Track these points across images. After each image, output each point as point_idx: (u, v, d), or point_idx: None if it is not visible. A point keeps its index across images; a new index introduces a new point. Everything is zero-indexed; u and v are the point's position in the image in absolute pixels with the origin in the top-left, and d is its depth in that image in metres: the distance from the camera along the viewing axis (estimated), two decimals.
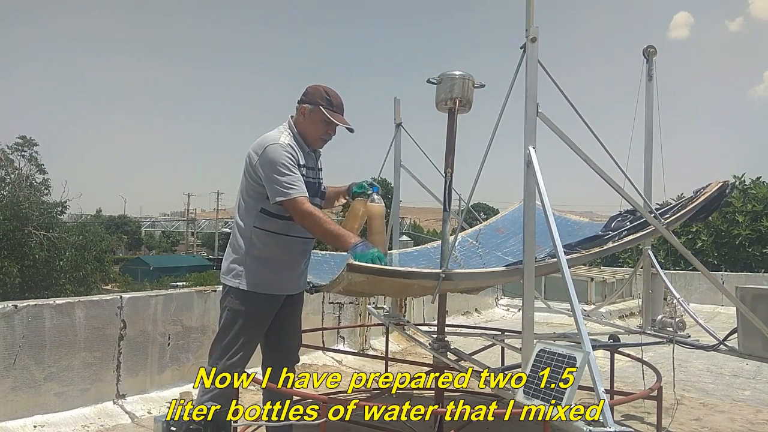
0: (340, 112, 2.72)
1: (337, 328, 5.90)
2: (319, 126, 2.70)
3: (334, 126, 2.71)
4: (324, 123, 2.68)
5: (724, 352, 3.38)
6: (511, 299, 9.74)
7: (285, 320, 2.85)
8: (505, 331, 4.34)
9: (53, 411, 3.58)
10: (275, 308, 2.76)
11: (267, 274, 2.68)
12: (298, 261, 2.80)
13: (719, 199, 3.41)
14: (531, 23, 2.49)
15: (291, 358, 2.95)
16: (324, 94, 2.69)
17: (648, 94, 3.70)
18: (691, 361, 5.81)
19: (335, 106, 2.70)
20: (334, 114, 2.67)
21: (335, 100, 2.70)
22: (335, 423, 2.74)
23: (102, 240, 22.38)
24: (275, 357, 2.89)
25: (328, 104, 2.67)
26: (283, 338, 2.89)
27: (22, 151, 23.60)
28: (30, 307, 3.59)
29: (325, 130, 2.71)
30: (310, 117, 2.69)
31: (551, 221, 2.41)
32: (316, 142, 2.75)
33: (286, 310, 2.83)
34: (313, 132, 2.72)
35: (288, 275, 2.76)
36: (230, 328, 2.68)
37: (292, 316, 2.91)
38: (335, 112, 2.69)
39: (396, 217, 4.57)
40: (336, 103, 2.70)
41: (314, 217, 2.53)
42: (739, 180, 16.28)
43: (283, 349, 2.91)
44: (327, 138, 2.76)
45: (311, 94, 2.70)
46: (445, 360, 3.28)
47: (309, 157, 2.74)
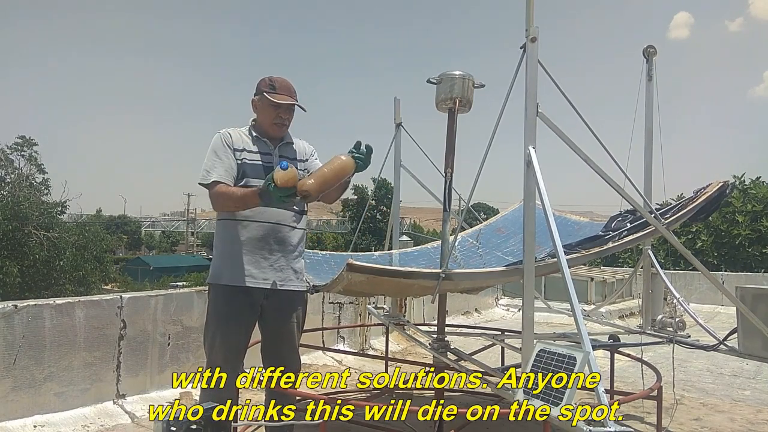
0: (287, 94, 2.70)
1: (337, 328, 5.90)
2: (269, 111, 2.70)
3: (284, 108, 2.69)
4: (272, 107, 2.67)
5: (724, 352, 3.38)
6: (511, 299, 9.75)
7: (273, 324, 2.74)
8: (505, 331, 4.34)
9: (53, 411, 3.58)
10: (246, 303, 2.64)
11: (228, 264, 2.65)
12: (259, 249, 2.65)
13: (719, 199, 3.41)
14: (531, 23, 2.49)
15: (288, 365, 2.79)
16: (267, 81, 2.70)
17: (648, 94, 3.70)
18: (691, 361, 5.81)
19: (279, 88, 2.69)
20: (276, 95, 2.66)
21: (279, 84, 2.69)
22: (335, 423, 2.74)
23: (102, 240, 22.36)
24: (272, 364, 2.79)
25: (271, 89, 2.68)
26: (275, 346, 2.78)
27: (22, 151, 23.57)
28: (30, 307, 3.59)
29: (276, 113, 2.69)
30: (260, 106, 2.72)
31: (551, 221, 2.41)
32: (272, 129, 2.74)
33: (272, 314, 2.71)
34: (265, 119, 2.72)
35: (250, 266, 2.64)
36: (206, 325, 2.72)
37: (280, 321, 2.74)
38: (279, 93, 2.68)
39: (396, 217, 4.57)
40: (280, 86, 2.69)
41: (222, 194, 2.56)
42: (739, 180, 16.29)
43: (277, 357, 2.79)
44: (280, 122, 2.72)
45: (258, 86, 2.73)
46: (445, 360, 3.28)
47: (259, 142, 2.74)
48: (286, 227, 2.72)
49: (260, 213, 2.62)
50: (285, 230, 2.72)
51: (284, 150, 2.80)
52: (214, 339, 2.66)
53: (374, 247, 32.10)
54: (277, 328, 2.76)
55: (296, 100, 2.74)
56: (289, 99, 2.69)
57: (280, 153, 2.76)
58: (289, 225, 2.72)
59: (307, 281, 2.98)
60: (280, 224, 2.70)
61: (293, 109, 2.74)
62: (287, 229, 2.72)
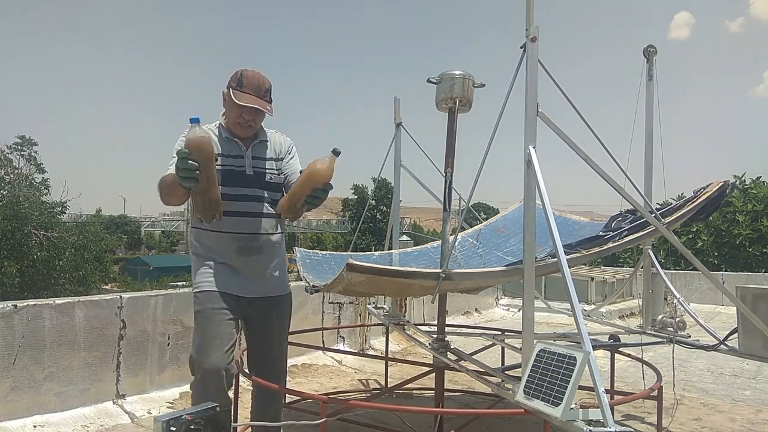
0: (254, 94, 2.40)
1: (337, 328, 5.90)
2: (233, 110, 2.43)
3: (247, 109, 2.40)
4: (236, 106, 2.39)
5: (725, 352, 3.38)
6: (511, 299, 9.74)
7: (258, 331, 2.64)
8: (505, 331, 4.34)
9: (53, 411, 3.57)
10: (232, 301, 2.48)
11: (202, 270, 2.49)
12: (235, 259, 2.50)
13: (719, 199, 3.41)
14: (531, 23, 2.48)
15: (274, 369, 2.70)
16: (237, 76, 2.42)
17: (648, 94, 3.69)
18: (691, 361, 5.81)
19: (246, 86, 2.39)
20: (240, 94, 2.38)
21: (248, 80, 2.40)
22: (335, 423, 2.74)
23: (102, 240, 22.36)
24: (259, 369, 2.71)
25: (237, 85, 2.40)
26: (262, 352, 2.69)
27: (21, 151, 23.54)
28: (30, 307, 3.59)
29: (239, 113, 2.42)
30: (227, 102, 2.47)
31: (551, 221, 2.40)
32: (236, 128, 2.48)
33: (257, 321, 2.60)
34: (230, 117, 2.48)
35: (229, 277, 2.49)
36: (194, 330, 2.51)
37: (266, 327, 2.63)
38: (245, 92, 2.39)
39: (396, 217, 4.57)
40: (248, 83, 2.40)
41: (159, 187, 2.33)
42: (739, 180, 16.28)
43: (263, 362, 2.70)
44: (243, 122, 2.44)
45: (230, 78, 2.46)
46: (445, 360, 3.28)
47: (230, 144, 2.50)
48: (263, 236, 2.54)
49: (235, 224, 2.43)
50: (262, 239, 2.54)
51: (258, 150, 2.56)
52: (198, 348, 2.42)
53: (374, 247, 32.14)
54: (262, 334, 2.65)
55: (267, 100, 2.45)
56: (252, 101, 2.39)
57: (254, 153, 2.54)
58: (266, 233, 2.54)
59: (306, 281, 2.97)
60: (256, 234, 2.52)
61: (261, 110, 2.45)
62: (264, 238, 2.54)
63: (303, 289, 3.26)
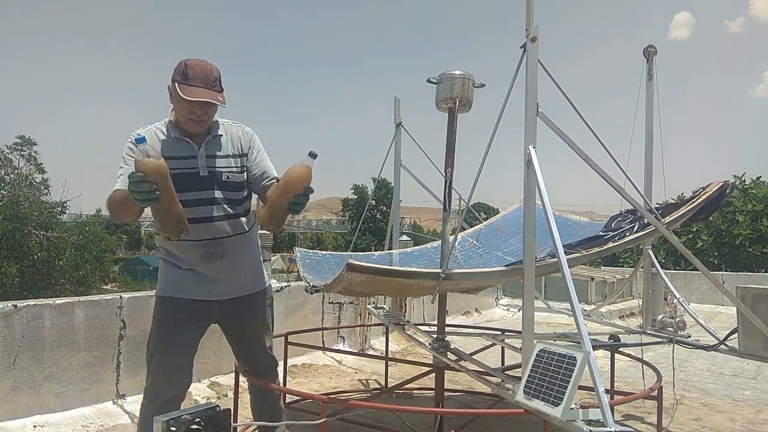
0: (202, 86, 2.18)
1: (337, 328, 5.90)
2: (181, 105, 2.21)
3: (197, 103, 2.18)
4: (184, 101, 2.17)
5: (725, 352, 3.38)
6: (511, 299, 9.74)
7: (235, 331, 2.57)
8: (505, 331, 4.34)
9: (53, 411, 3.57)
10: (192, 318, 2.39)
11: (168, 276, 2.40)
12: (201, 265, 2.37)
13: (719, 199, 3.41)
14: (531, 23, 2.48)
15: (261, 365, 2.66)
16: (181, 68, 2.19)
17: (648, 94, 3.69)
18: (691, 361, 5.81)
19: (192, 78, 2.16)
20: (186, 88, 2.16)
21: (194, 71, 2.17)
22: (335, 423, 2.74)
23: (102, 240, 22.40)
24: (247, 366, 2.70)
25: (183, 78, 2.17)
26: (244, 350, 2.64)
27: (21, 151, 23.55)
28: (30, 307, 3.59)
29: (189, 108, 2.19)
30: (174, 98, 2.24)
31: (551, 221, 2.40)
32: (188, 125, 2.26)
33: (231, 321, 2.52)
34: (179, 113, 2.25)
35: (194, 284, 2.37)
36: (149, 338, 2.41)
37: (242, 326, 2.55)
38: (192, 85, 2.16)
39: (396, 217, 4.57)
40: (194, 74, 2.17)
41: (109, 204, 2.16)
42: (739, 180, 16.27)
43: (249, 360, 2.67)
44: (195, 118, 2.22)
45: (173, 71, 2.22)
46: (445, 360, 3.28)
47: (180, 144, 2.30)
48: (225, 239, 2.37)
49: (193, 231, 2.19)
50: (225, 242, 2.37)
51: (211, 147, 2.34)
52: (153, 357, 2.37)
53: (374, 247, 32.16)
54: (240, 334, 2.57)
55: (217, 90, 2.21)
56: (202, 94, 2.17)
57: (207, 152, 2.32)
58: (228, 236, 2.37)
59: (306, 281, 2.97)
60: (217, 238, 2.35)
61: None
62: (227, 241, 2.38)
63: (303, 289, 3.26)
